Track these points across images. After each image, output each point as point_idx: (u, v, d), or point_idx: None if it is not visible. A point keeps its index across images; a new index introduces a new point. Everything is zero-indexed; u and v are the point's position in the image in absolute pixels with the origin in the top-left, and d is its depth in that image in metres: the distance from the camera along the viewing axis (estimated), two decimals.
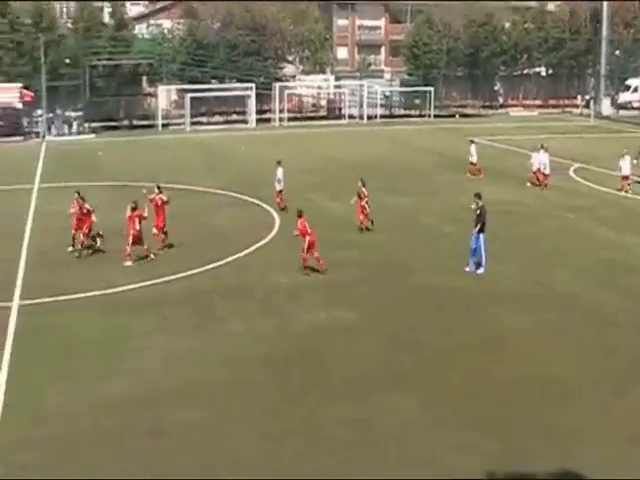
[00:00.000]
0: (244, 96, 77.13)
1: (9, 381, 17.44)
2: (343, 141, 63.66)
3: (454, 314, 21.68)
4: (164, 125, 74.34)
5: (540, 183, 40.11)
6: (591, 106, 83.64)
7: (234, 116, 79.91)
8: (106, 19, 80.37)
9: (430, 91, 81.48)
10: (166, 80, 78.49)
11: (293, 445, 14.68)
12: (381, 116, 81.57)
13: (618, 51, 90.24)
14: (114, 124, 74.92)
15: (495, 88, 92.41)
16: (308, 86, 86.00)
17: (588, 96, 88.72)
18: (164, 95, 79.23)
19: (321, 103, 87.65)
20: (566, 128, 70.94)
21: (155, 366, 18.28)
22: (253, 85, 75.28)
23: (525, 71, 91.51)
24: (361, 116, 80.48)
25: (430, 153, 54.53)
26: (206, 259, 26.74)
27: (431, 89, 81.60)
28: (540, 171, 40.18)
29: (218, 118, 79.86)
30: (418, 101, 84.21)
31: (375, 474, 13.66)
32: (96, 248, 28.08)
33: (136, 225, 26.42)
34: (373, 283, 24.61)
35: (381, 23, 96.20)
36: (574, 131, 68.40)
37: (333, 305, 22.40)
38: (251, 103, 76.66)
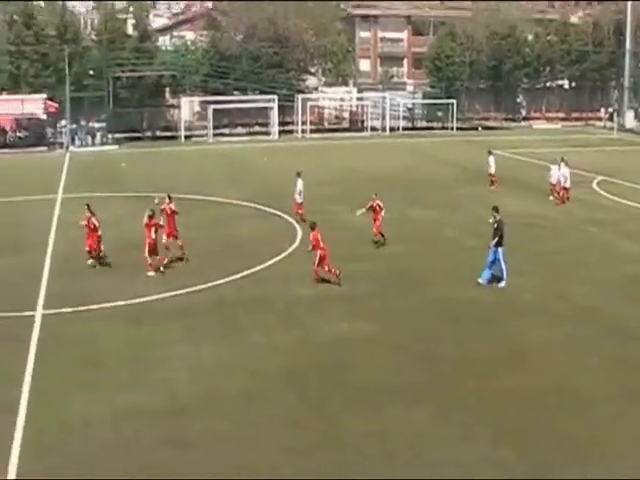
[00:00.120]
0: (266, 108, 77.44)
1: (33, 389, 17.51)
2: (365, 153, 63.78)
3: (475, 327, 21.60)
4: (187, 136, 74.76)
5: (559, 196, 39.71)
6: (614, 119, 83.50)
7: (256, 128, 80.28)
8: (130, 31, 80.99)
9: (452, 103, 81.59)
10: (189, 91, 78.97)
11: (317, 459, 14.64)
12: (403, 128, 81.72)
13: None
14: (137, 135, 75.53)
15: (518, 100, 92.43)
16: (330, 98, 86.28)
17: (611, 109, 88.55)
18: (187, 106, 79.68)
19: (343, 115, 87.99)
20: (589, 141, 70.78)
21: (179, 376, 18.32)
22: (276, 97, 75.57)
23: (548, 84, 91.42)
24: (383, 128, 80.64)
25: (452, 166, 54.49)
26: (229, 270, 26.79)
27: (453, 101, 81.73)
28: (560, 184, 39.78)
29: (240, 130, 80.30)
30: (440, 113, 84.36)
31: None
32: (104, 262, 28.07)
33: (152, 234, 26.56)
34: (394, 295, 24.56)
35: (403, 35, 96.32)
36: (597, 144, 68.22)
37: (355, 317, 22.37)
38: (273, 115, 76.96)
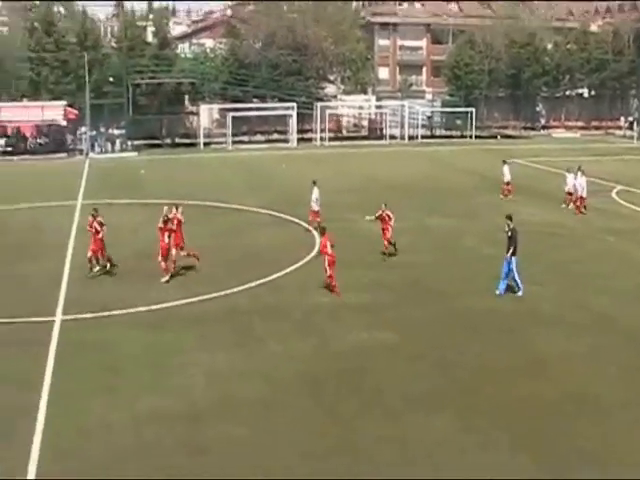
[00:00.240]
0: (285, 115, 77.68)
1: (52, 394, 17.62)
2: (384, 161, 63.81)
3: (493, 336, 21.53)
4: (206, 144, 75.07)
5: (575, 206, 39.58)
6: (634, 128, 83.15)
7: (275, 135, 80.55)
8: (149, 38, 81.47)
9: (471, 112, 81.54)
10: (208, 99, 79.33)
11: (333, 464, 14.64)
12: (422, 136, 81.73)
13: None
14: (156, 142, 75.84)
15: (537, 109, 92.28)
16: (349, 106, 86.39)
17: (631, 118, 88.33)
18: (206, 114, 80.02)
19: (362, 123, 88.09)
20: (609, 150, 70.56)
21: (197, 382, 18.39)
22: (294, 104, 75.75)
23: (567, 92, 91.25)
24: (402, 136, 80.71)
25: (471, 174, 54.42)
26: (246, 278, 26.81)
27: (472, 110, 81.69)
28: (578, 193, 39.59)
29: (259, 137, 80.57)
30: (459, 122, 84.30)
31: None
32: (103, 270, 28.01)
33: (165, 238, 26.72)
34: (412, 304, 24.52)
35: (422, 43, 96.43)
36: (617, 153, 67.97)
37: (373, 326, 22.33)
38: (292, 122, 77.15)
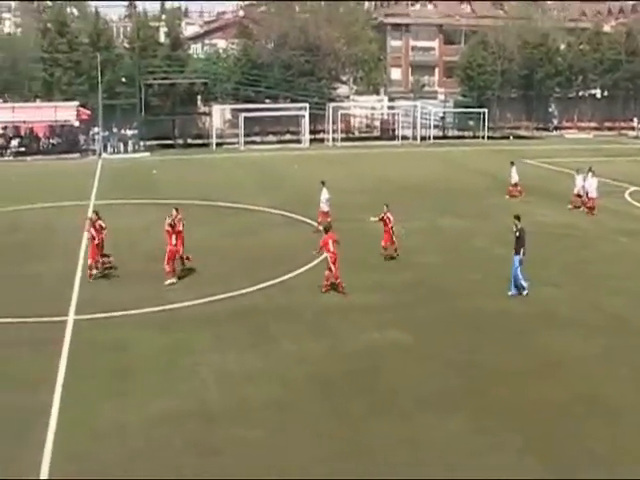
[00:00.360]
0: (298, 116, 77.73)
1: (64, 394, 17.64)
2: (396, 162, 63.78)
3: (506, 337, 21.47)
4: (218, 144, 75.18)
5: (584, 207, 39.46)
6: None
7: (288, 136, 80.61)
8: (162, 39, 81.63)
9: (484, 112, 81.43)
10: (220, 99, 79.39)
11: (346, 465, 14.60)
12: (434, 137, 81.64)
13: None
14: (169, 142, 75.98)
15: (550, 110, 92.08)
16: (362, 107, 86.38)
17: None
18: (218, 114, 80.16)
19: (375, 124, 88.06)
20: (622, 151, 70.35)
21: (209, 384, 18.38)
22: (307, 105, 75.79)
23: (580, 93, 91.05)
24: (414, 137, 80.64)
25: (483, 175, 54.32)
26: (257, 278, 26.81)
27: (485, 110, 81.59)
28: (588, 195, 39.52)
29: (272, 137, 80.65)
30: (472, 122, 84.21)
31: None
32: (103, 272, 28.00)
33: (172, 240, 26.72)
34: (424, 304, 24.47)
35: (435, 44, 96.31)
36: (630, 154, 67.71)
37: (385, 326, 22.28)
38: (305, 123, 77.21)
